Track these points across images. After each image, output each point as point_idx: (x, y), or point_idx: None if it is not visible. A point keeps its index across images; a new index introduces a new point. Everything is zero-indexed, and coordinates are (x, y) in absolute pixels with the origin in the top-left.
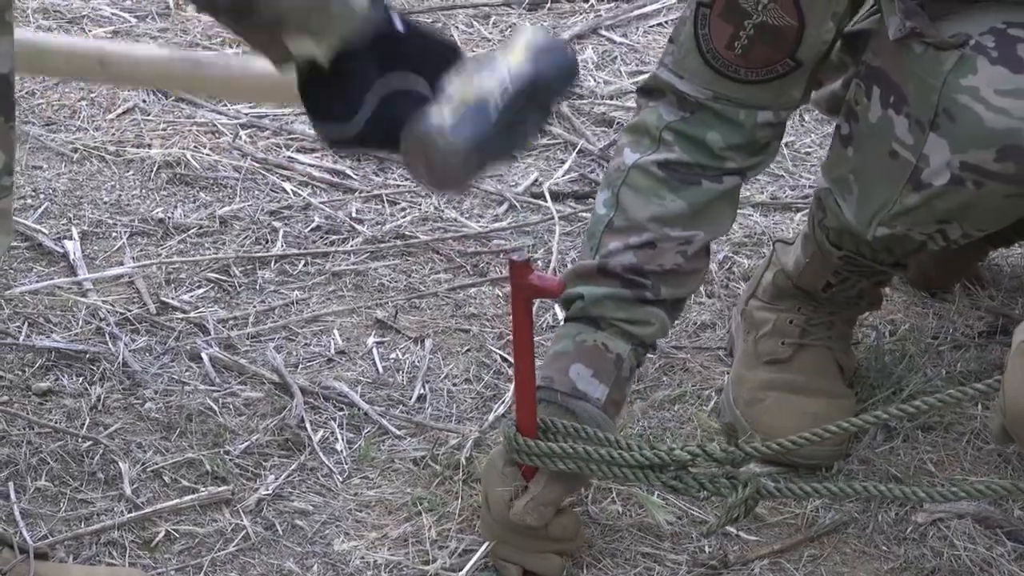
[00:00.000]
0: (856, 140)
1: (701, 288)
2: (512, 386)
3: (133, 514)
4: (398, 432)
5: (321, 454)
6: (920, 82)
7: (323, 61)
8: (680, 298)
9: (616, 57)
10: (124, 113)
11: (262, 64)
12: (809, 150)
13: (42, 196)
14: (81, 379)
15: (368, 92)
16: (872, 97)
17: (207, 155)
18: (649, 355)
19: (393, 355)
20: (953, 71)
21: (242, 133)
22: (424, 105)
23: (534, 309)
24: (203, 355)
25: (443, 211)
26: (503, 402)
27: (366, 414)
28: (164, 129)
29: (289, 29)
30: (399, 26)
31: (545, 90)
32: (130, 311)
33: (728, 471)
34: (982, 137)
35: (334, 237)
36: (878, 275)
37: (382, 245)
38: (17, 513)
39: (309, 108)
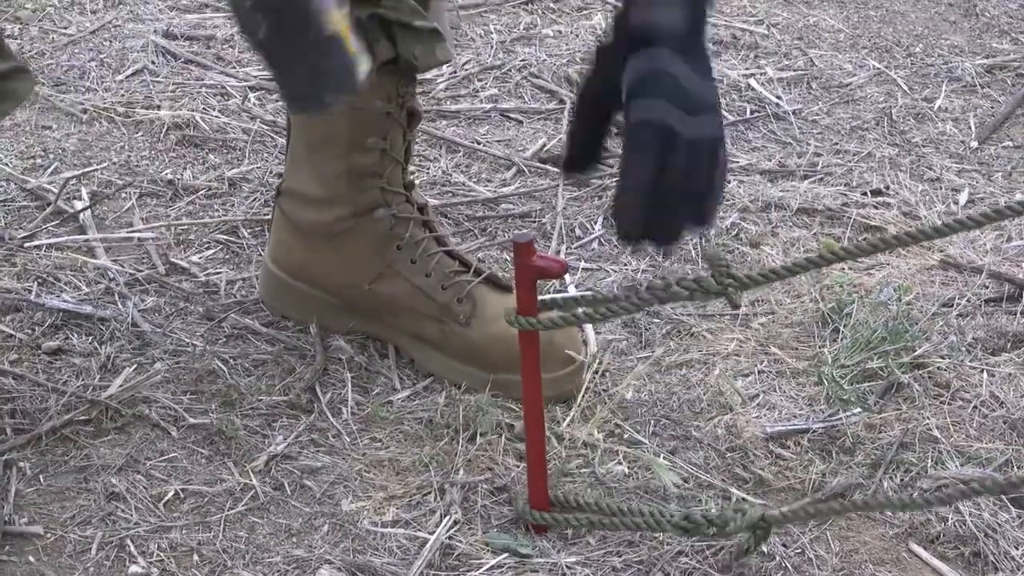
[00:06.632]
0: None
1: None
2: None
3: (142, 473)
4: (407, 393)
5: (329, 415)
6: None
7: None
8: None
9: None
10: (133, 74)
11: None
12: (816, 117)
13: (51, 156)
14: (91, 338)
15: None
16: None
17: (216, 117)
18: (655, 320)
19: None
20: None
21: (251, 96)
22: None
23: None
24: (212, 316)
25: (451, 175)
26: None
27: (375, 375)
28: (173, 91)
29: None
30: None
31: None
32: (140, 272)
33: (737, 505)
34: None
35: None
36: None
37: None
38: (28, 469)
39: None
